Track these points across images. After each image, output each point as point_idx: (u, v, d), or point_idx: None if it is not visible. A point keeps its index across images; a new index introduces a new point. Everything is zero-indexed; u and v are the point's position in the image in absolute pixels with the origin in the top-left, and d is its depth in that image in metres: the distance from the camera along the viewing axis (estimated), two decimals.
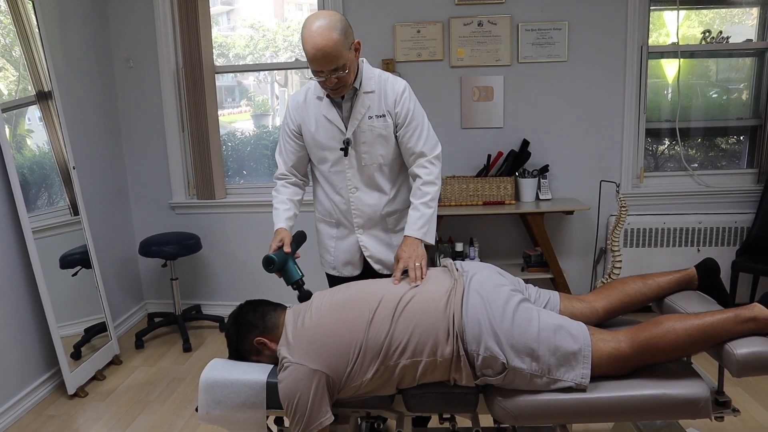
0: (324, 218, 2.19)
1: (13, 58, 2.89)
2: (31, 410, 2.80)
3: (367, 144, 2.01)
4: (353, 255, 2.16)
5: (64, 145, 3.09)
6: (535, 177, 3.51)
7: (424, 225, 1.97)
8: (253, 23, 3.91)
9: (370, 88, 1.99)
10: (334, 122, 2.01)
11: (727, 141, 3.83)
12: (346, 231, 2.14)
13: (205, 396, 1.68)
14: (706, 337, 1.55)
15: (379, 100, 2.00)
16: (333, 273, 2.23)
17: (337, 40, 1.77)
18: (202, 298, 4.01)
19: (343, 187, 2.08)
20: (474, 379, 1.63)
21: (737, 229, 3.54)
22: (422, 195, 2.00)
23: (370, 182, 2.07)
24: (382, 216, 2.10)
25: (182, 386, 3.01)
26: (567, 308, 1.82)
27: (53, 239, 2.99)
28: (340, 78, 1.85)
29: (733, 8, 3.65)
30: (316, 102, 2.04)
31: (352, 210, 2.09)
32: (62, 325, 2.91)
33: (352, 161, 2.04)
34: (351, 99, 2.00)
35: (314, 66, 1.82)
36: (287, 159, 2.14)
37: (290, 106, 2.11)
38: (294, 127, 2.09)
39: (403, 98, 2.00)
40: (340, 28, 1.79)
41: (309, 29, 1.79)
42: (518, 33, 3.50)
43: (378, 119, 2.00)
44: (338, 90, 1.92)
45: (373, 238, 2.12)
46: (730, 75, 3.75)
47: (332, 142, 2.03)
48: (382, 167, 2.06)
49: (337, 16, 1.83)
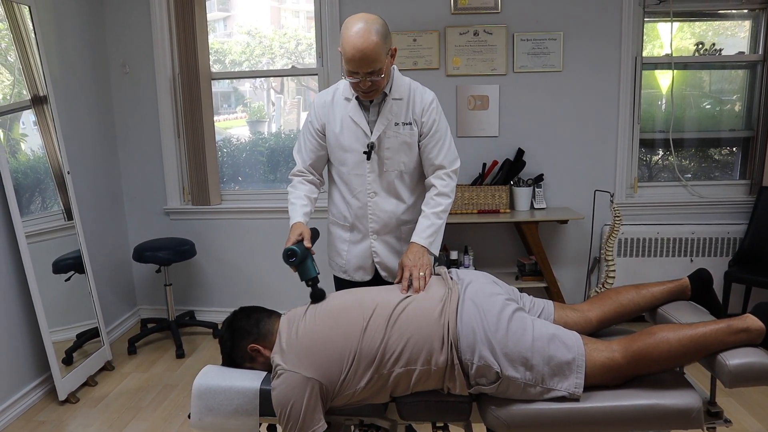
0: (338, 221, 2.18)
1: (9, 62, 2.88)
2: (21, 416, 2.78)
3: (391, 150, 2.02)
4: (365, 260, 2.14)
5: (59, 150, 3.08)
6: (530, 186, 3.52)
7: (432, 235, 1.97)
8: (249, 30, 3.92)
9: (399, 95, 2.01)
10: (359, 125, 2.01)
11: (720, 152, 3.86)
12: (359, 235, 2.13)
13: (197, 402, 1.67)
14: (698, 347, 1.55)
15: (407, 107, 2.01)
16: (343, 277, 2.20)
17: (377, 43, 1.78)
18: (195, 304, 3.99)
19: (362, 191, 2.07)
20: (468, 387, 1.63)
21: (730, 240, 3.56)
22: (435, 205, 2.01)
23: (389, 188, 2.07)
24: (397, 224, 2.10)
25: (175, 393, 2.99)
26: (561, 317, 1.82)
27: (46, 244, 2.97)
28: (374, 82, 1.86)
29: (725, 21, 3.69)
30: (343, 103, 2.04)
31: (369, 215, 2.08)
32: (54, 330, 2.89)
33: (374, 165, 2.03)
34: (379, 104, 2.01)
35: (351, 67, 1.83)
36: (306, 157, 2.12)
37: (316, 104, 2.10)
38: (318, 126, 2.08)
39: (430, 108, 2.02)
40: (381, 32, 1.80)
41: (350, 30, 1.80)
42: (514, 43, 3.53)
43: (404, 127, 2.01)
44: (370, 93, 1.93)
45: (385, 245, 2.12)
46: (723, 86, 3.78)
47: (356, 145, 2.03)
48: (403, 174, 2.06)
49: (380, 20, 1.84)
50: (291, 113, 4.16)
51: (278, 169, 4.00)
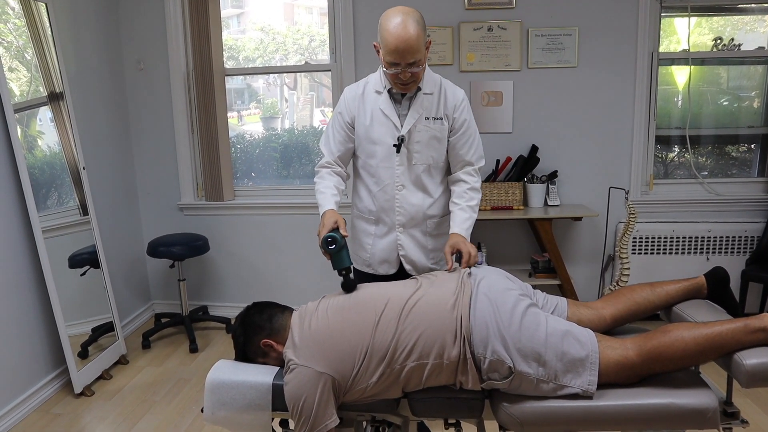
0: (363, 215, 2.17)
1: (26, 59, 2.91)
2: (37, 408, 2.82)
3: (420, 144, 2.03)
4: (390, 253, 2.14)
5: (75, 146, 3.11)
6: (544, 183, 3.50)
7: (469, 227, 2.01)
8: (263, 26, 3.93)
9: (429, 90, 2.02)
10: (390, 118, 2.02)
11: (737, 149, 3.80)
12: (385, 228, 2.13)
13: (210, 397, 1.68)
14: (714, 346, 1.53)
15: (437, 103, 2.02)
16: (366, 270, 2.20)
17: (419, 33, 1.81)
18: (209, 299, 4.02)
19: (390, 184, 2.07)
20: (480, 382, 1.62)
21: (747, 238, 3.51)
22: (470, 198, 2.04)
23: (417, 182, 2.07)
24: (423, 218, 2.11)
25: (188, 387, 3.01)
26: (574, 315, 1.81)
27: (62, 239, 3.01)
28: (414, 73, 1.88)
29: (745, 16, 3.64)
30: (374, 96, 2.05)
31: (396, 207, 2.09)
32: (70, 324, 2.93)
33: (403, 159, 2.04)
34: (410, 98, 2.02)
35: (392, 58, 1.84)
36: (335, 149, 2.11)
37: (347, 96, 2.10)
38: (348, 118, 2.08)
39: (462, 106, 2.04)
40: (420, 23, 1.83)
41: (391, 21, 1.81)
42: (528, 38, 3.50)
43: (435, 121, 2.02)
44: (409, 85, 1.94)
45: (411, 238, 2.12)
46: (742, 83, 3.72)
47: (385, 137, 2.03)
48: (431, 169, 2.07)
49: (417, 12, 1.86)
50: (304, 109, 4.16)
51: (291, 165, 4.01)
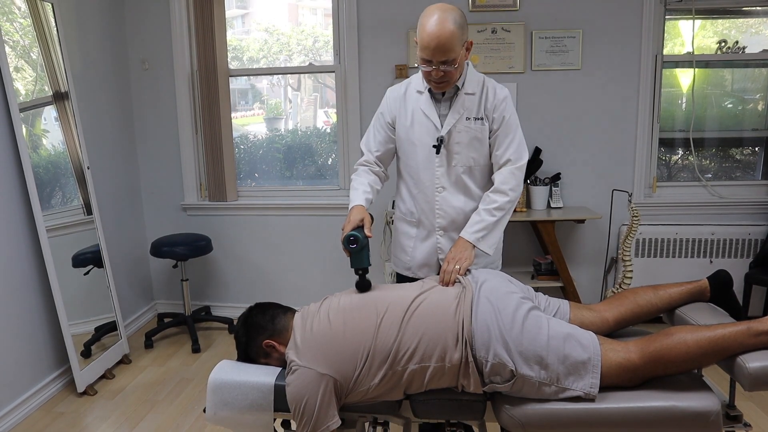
0: (405, 217, 2.15)
1: (32, 59, 2.93)
2: (40, 407, 2.82)
3: (460, 145, 1.99)
4: (431, 257, 2.10)
5: (79, 146, 3.12)
6: (547, 185, 3.50)
7: (480, 230, 1.94)
8: (267, 27, 3.94)
9: (471, 90, 1.98)
10: (430, 118, 2.00)
11: (741, 152, 3.79)
12: (425, 231, 2.09)
13: (213, 397, 1.69)
14: (717, 349, 1.53)
15: (479, 103, 1.99)
16: (406, 274, 2.17)
17: (454, 32, 1.78)
18: (211, 300, 4.03)
19: (430, 185, 2.04)
20: (482, 385, 1.62)
21: (751, 241, 3.51)
22: (489, 202, 1.97)
23: (457, 183, 2.03)
24: (465, 221, 2.03)
25: (190, 387, 3.02)
26: (577, 317, 1.80)
27: (66, 238, 3.02)
28: (447, 72, 1.85)
29: (749, 18, 3.63)
30: (415, 96, 2.03)
31: (436, 209, 2.05)
32: (73, 324, 2.94)
33: (443, 160, 2.01)
34: (451, 98, 1.99)
35: (425, 54, 1.82)
36: (374, 148, 2.10)
37: (389, 96, 2.10)
38: (389, 118, 2.07)
39: (503, 105, 1.98)
40: (459, 22, 1.80)
41: (428, 17, 1.80)
42: (532, 40, 3.50)
43: (476, 122, 1.98)
44: (441, 85, 1.92)
45: (451, 241, 2.06)
46: (746, 85, 3.72)
47: (426, 138, 2.01)
48: (472, 170, 2.03)
49: (458, 11, 1.83)
50: (308, 110, 4.17)
51: (294, 166, 4.01)
